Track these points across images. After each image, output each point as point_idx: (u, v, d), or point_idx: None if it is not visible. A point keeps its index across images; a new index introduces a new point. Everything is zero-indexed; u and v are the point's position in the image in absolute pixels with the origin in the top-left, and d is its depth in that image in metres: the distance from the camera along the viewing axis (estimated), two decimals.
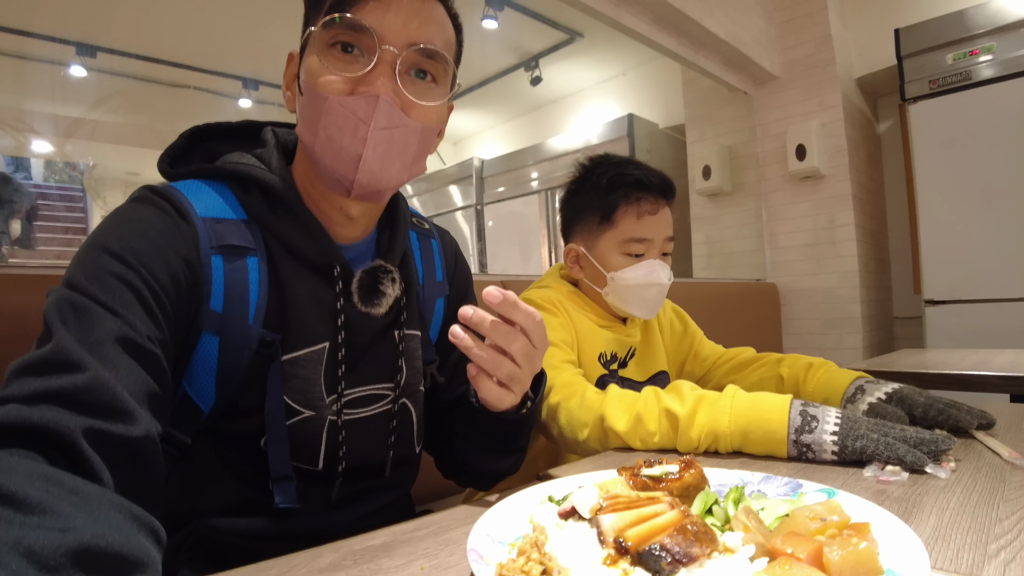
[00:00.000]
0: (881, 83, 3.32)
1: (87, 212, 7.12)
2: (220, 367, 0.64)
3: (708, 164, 3.34)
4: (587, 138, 3.97)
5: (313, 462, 0.70)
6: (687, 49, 2.80)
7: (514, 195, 4.43)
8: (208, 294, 0.62)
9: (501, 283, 1.66)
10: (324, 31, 0.62)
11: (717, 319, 2.43)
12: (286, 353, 0.66)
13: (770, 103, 3.27)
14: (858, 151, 3.17)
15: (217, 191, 0.67)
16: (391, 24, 0.62)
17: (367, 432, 0.73)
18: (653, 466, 0.55)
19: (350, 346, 0.70)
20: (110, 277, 0.53)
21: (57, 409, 0.43)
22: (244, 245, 0.65)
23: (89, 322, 0.49)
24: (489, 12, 3.33)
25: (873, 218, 3.30)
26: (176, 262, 0.59)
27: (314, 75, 0.63)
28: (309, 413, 0.68)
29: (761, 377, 1.14)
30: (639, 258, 1.06)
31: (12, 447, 0.40)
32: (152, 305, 0.55)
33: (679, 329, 1.28)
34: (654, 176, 1.07)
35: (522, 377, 0.65)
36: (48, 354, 0.46)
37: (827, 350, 3.05)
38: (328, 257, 0.68)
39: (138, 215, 0.60)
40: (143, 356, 0.51)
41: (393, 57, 0.63)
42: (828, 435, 0.70)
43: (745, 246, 3.34)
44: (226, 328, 0.63)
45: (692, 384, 0.84)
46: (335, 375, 0.69)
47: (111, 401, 0.45)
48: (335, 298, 0.68)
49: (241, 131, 0.77)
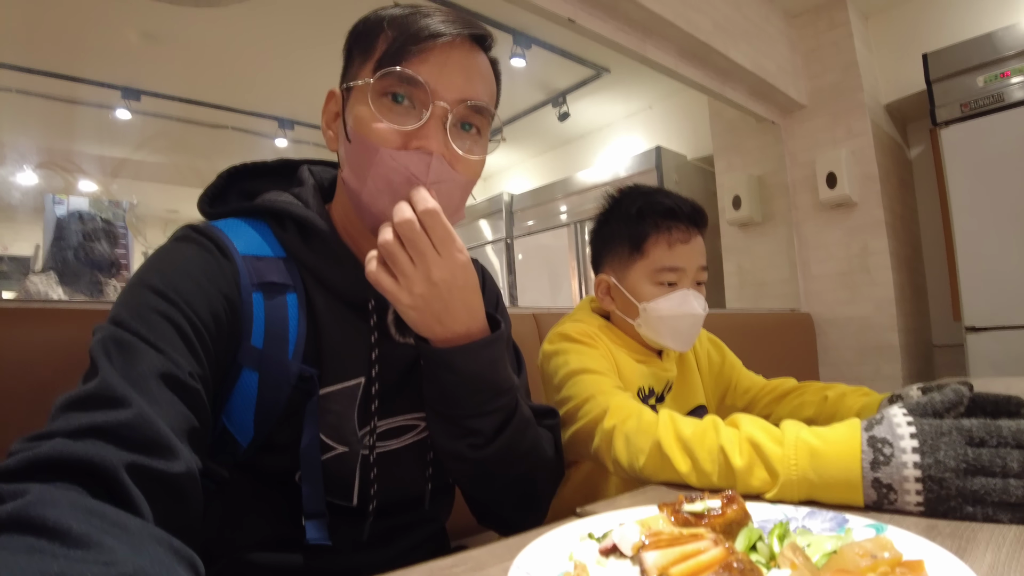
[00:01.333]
0: (910, 108, 3.29)
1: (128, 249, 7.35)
2: (259, 402, 0.65)
3: (738, 194, 3.32)
4: (615, 171, 3.99)
5: (347, 498, 0.70)
6: (713, 80, 2.82)
7: (543, 228, 4.46)
8: (249, 331, 0.64)
9: (532, 316, 1.66)
10: (379, 80, 0.64)
11: (752, 350, 2.39)
12: (322, 388, 0.67)
13: (798, 131, 3.25)
14: (889, 177, 3.13)
15: (256, 228, 0.69)
16: (444, 79, 0.64)
17: (402, 464, 0.73)
18: (695, 502, 0.53)
19: (383, 380, 0.70)
20: (153, 314, 0.55)
21: (101, 444, 0.44)
22: (283, 282, 0.67)
23: (133, 358, 0.51)
24: (517, 51, 3.41)
25: (908, 244, 3.24)
26: (217, 299, 0.60)
27: (365, 124, 0.64)
28: (343, 449, 0.68)
29: (802, 401, 1.11)
30: (672, 287, 1.04)
31: (56, 481, 0.41)
32: (194, 341, 0.56)
33: (717, 360, 1.25)
34: (685, 204, 1.06)
35: (405, 268, 0.61)
36: (93, 389, 0.47)
37: (865, 380, 2.97)
38: (363, 292, 0.69)
39: (181, 253, 0.63)
40: (185, 391, 0.53)
41: (444, 112, 0.64)
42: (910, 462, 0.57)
43: (778, 275, 3.30)
44: (266, 364, 0.64)
45: (752, 418, 0.74)
46: (368, 409, 0.70)
47: (154, 437, 0.46)
48: (370, 332, 0.69)
49: (278, 170, 0.79)
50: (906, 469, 0.57)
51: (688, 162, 3.93)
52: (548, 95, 4.33)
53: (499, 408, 0.68)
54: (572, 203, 4.28)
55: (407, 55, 0.63)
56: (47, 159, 4.22)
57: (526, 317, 1.64)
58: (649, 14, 2.30)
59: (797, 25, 3.27)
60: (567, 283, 4.19)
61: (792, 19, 3.27)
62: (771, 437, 0.68)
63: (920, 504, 0.57)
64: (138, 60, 3.62)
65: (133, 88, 3.93)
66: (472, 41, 0.68)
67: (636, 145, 4.50)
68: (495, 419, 0.68)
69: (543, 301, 4.36)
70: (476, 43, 0.68)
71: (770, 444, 0.67)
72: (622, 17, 2.32)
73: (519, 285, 4.65)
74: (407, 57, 0.63)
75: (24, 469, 0.41)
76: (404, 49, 0.63)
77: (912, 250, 3.31)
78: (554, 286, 4.32)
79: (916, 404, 0.63)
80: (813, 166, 3.13)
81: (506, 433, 0.69)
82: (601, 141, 4.97)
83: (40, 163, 4.18)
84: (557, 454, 0.80)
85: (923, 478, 0.57)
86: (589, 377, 0.95)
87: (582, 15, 2.18)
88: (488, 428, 0.68)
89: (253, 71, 3.85)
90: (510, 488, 0.74)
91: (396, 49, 0.64)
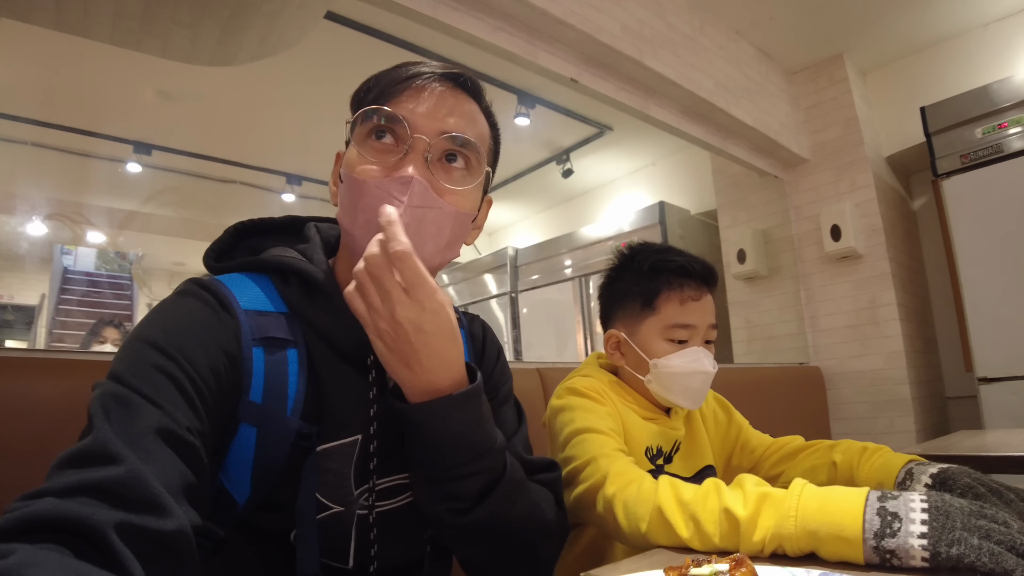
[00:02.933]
0: (912, 160, 3.33)
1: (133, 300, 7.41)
2: (257, 459, 0.63)
3: (743, 248, 3.33)
4: (619, 226, 4.03)
5: (343, 560, 0.67)
6: (715, 137, 2.87)
7: (548, 282, 4.47)
8: (248, 386, 0.63)
9: (536, 371, 1.64)
10: (361, 125, 0.67)
11: (761, 405, 2.36)
12: (320, 445, 0.65)
13: (801, 186, 3.29)
14: (894, 229, 3.14)
15: (259, 284, 0.69)
16: (422, 114, 0.66)
17: (400, 525, 0.71)
18: (702, 565, 0.52)
19: (382, 437, 0.69)
20: (153, 370, 0.54)
21: (91, 502, 0.43)
22: (284, 337, 0.66)
23: (131, 414, 0.50)
24: (521, 110, 3.50)
25: (916, 296, 3.23)
26: (217, 355, 0.60)
27: (352, 165, 0.67)
28: (339, 508, 0.66)
29: (813, 464, 1.08)
30: (682, 345, 1.03)
31: (44, 541, 0.40)
32: (193, 396, 0.55)
33: (723, 420, 1.23)
34: (696, 263, 1.06)
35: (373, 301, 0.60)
36: (87, 446, 0.47)
37: (878, 434, 2.92)
38: (363, 348, 0.67)
39: (183, 308, 0.62)
40: (183, 448, 0.51)
41: (425, 145, 0.66)
42: (916, 539, 0.58)
43: (786, 329, 3.28)
44: (265, 420, 0.63)
45: (758, 479, 0.75)
46: (366, 468, 0.68)
47: (145, 495, 0.45)
48: (368, 389, 0.68)
49: (284, 227, 0.80)
50: (912, 540, 0.58)
51: (692, 217, 3.96)
52: (552, 153, 4.41)
53: (481, 471, 0.64)
54: (577, 257, 4.30)
55: (388, 96, 0.67)
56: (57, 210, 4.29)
57: (530, 372, 1.62)
58: (651, 74, 2.36)
59: (797, 82, 3.35)
60: (572, 337, 4.17)
61: (792, 76, 3.35)
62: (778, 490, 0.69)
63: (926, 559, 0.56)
64: (151, 116, 3.73)
65: (145, 143, 4.03)
66: (453, 83, 0.70)
67: (640, 200, 4.55)
68: (477, 482, 0.64)
69: (548, 356, 4.33)
70: (458, 86, 0.70)
71: (775, 493, 0.69)
72: (624, 77, 2.38)
73: (524, 339, 4.63)
74: (388, 98, 0.67)
75: (12, 529, 0.40)
76: (385, 92, 0.67)
77: (920, 301, 3.29)
78: (559, 340, 4.30)
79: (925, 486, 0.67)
80: (818, 219, 3.15)
81: (491, 498, 0.65)
82: (605, 197, 5.04)
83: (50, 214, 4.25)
84: (559, 514, 0.76)
85: (931, 553, 0.56)
86: (593, 437, 0.93)
87: (585, 75, 2.24)
88: (469, 492, 0.64)
89: (262, 127, 3.95)
90: (506, 554, 0.70)
91: (377, 93, 0.68)
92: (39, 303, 6.69)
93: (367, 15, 2.69)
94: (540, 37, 2.08)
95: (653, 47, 2.35)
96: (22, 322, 6.48)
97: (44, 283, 6.72)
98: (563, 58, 2.16)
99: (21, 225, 4.49)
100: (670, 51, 2.45)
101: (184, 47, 2.70)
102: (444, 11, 1.83)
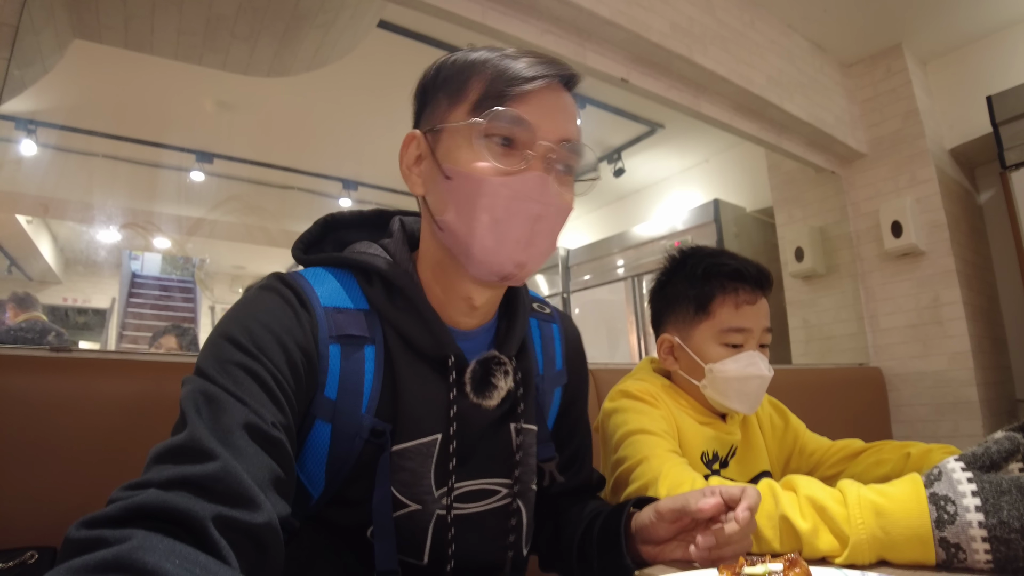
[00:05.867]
0: (977, 152, 3.17)
1: (196, 302, 7.72)
2: (331, 455, 0.66)
3: (800, 246, 3.24)
4: (672, 224, 3.96)
5: (419, 556, 0.69)
6: (769, 133, 2.81)
7: (600, 283, 4.44)
8: (324, 383, 0.65)
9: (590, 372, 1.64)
10: (482, 122, 0.65)
11: (820, 407, 2.30)
12: (396, 444, 0.67)
13: (859, 181, 3.18)
14: (959, 224, 3.01)
15: (341, 280, 0.70)
16: (547, 120, 0.66)
17: (479, 528, 0.72)
18: (755, 564, 0.52)
19: (462, 438, 0.70)
20: (236, 368, 0.57)
21: (190, 496, 0.45)
22: (362, 335, 0.67)
23: (219, 411, 0.53)
24: None
25: (982, 294, 3.08)
26: (294, 351, 0.62)
27: (465, 161, 0.65)
28: (416, 507, 0.68)
29: (879, 459, 1.06)
30: (737, 349, 1.03)
31: (152, 529, 0.43)
32: (276, 391, 0.58)
33: (780, 425, 1.21)
34: (751, 267, 1.05)
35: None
36: (183, 441, 0.50)
37: (943, 438, 2.79)
38: (443, 348, 0.69)
39: (262, 304, 0.64)
40: (268, 443, 0.54)
41: (547, 151, 0.66)
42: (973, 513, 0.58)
43: (845, 329, 3.18)
44: (339, 416, 0.65)
45: (810, 480, 0.73)
46: (446, 468, 0.69)
47: (238, 489, 0.48)
48: (448, 390, 0.69)
49: (371, 220, 0.81)
50: (972, 529, 0.58)
51: (747, 214, 3.87)
52: (603, 152, 4.39)
53: None
54: (629, 257, 4.25)
55: (508, 97, 0.65)
56: (130, 219, 4.53)
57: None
58: (701, 71, 2.33)
59: (853, 75, 3.25)
60: (625, 338, 4.13)
61: (847, 69, 3.24)
62: (832, 497, 0.68)
63: (990, 562, 0.57)
64: (212, 126, 3.89)
65: (207, 152, 4.20)
66: (566, 83, 0.70)
67: (693, 198, 4.46)
68: None
69: (600, 356, 4.31)
70: (566, 84, 0.70)
71: (833, 504, 0.67)
72: (675, 75, 2.36)
73: None
74: (509, 99, 0.65)
75: (123, 517, 0.43)
76: (505, 91, 0.65)
77: (988, 300, 3.14)
78: (612, 341, 4.26)
79: (972, 456, 0.63)
80: (877, 215, 3.04)
81: None
82: (657, 195, 4.96)
83: (124, 223, 4.49)
84: None
85: (989, 538, 0.57)
86: (645, 438, 0.94)
87: (635, 74, 2.23)
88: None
89: (318, 135, 4.06)
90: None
91: (497, 91, 0.65)
92: (110, 306, 7.05)
93: (418, 23, 2.73)
94: (589, 38, 2.08)
95: (703, 44, 2.33)
96: (97, 324, 6.84)
97: (114, 287, 7.08)
98: (612, 58, 2.16)
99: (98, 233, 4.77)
100: (720, 47, 2.41)
101: (243, 59, 2.82)
102: (493, 16, 1.86)
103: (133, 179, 4.41)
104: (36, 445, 0.90)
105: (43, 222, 5.53)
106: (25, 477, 0.89)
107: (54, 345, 1.05)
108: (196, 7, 2.43)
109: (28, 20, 1.25)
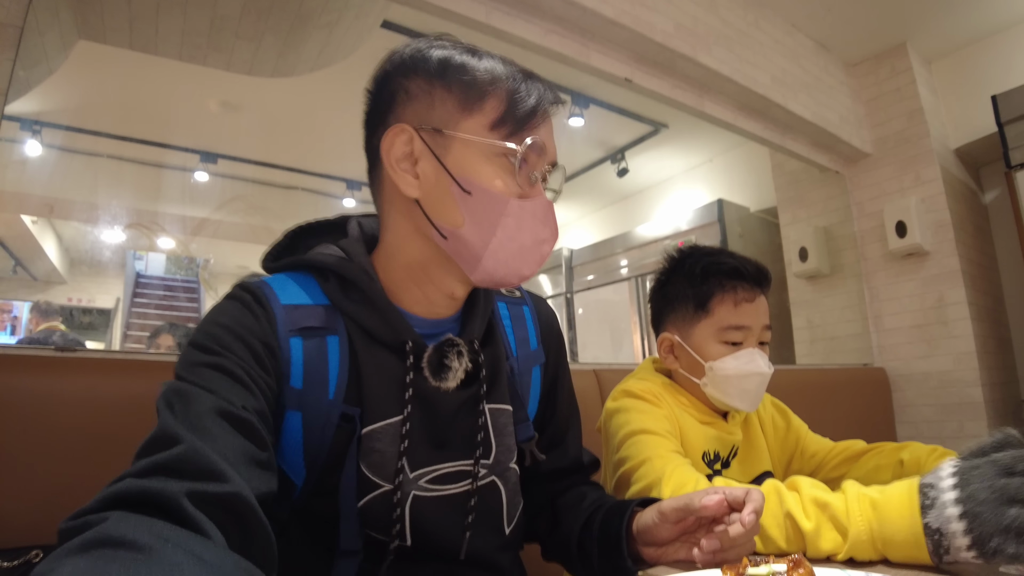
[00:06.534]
0: (982, 152, 3.16)
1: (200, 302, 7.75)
2: (306, 442, 0.68)
3: (804, 246, 3.23)
4: (676, 224, 3.96)
5: (395, 537, 0.69)
6: (773, 133, 2.80)
7: (603, 283, 4.44)
8: (288, 373, 0.67)
9: (593, 372, 1.65)
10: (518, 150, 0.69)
11: (824, 407, 2.30)
12: (364, 426, 0.69)
13: (864, 181, 3.18)
14: (964, 224, 3.00)
15: (300, 282, 0.73)
16: (551, 144, 0.73)
17: (445, 510, 0.73)
18: (759, 565, 0.52)
19: (425, 420, 0.72)
20: (203, 367, 0.60)
21: (163, 479, 0.47)
22: (321, 326, 0.70)
23: (188, 402, 0.55)
24: (575, 111, 3.48)
25: (988, 294, 3.07)
26: (256, 344, 0.64)
27: (488, 178, 0.69)
28: (388, 487, 0.69)
29: (878, 464, 1.06)
30: (737, 347, 1.03)
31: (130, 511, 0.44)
32: (244, 378, 0.61)
33: (782, 425, 1.21)
34: (749, 265, 1.05)
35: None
36: (154, 434, 0.52)
37: (947, 439, 2.79)
38: (400, 335, 0.71)
39: (224, 311, 0.67)
40: (237, 423, 0.56)
41: (546, 173, 0.74)
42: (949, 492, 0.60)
43: (849, 329, 3.17)
44: (307, 404, 0.68)
45: (813, 481, 0.74)
46: (417, 450, 0.71)
47: (206, 466, 0.49)
48: (405, 372, 0.71)
49: (335, 226, 0.84)
50: (948, 509, 0.59)
51: (751, 214, 3.87)
52: (607, 152, 4.38)
53: None
54: (632, 257, 4.25)
55: (528, 124, 0.70)
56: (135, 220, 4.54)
57: (587, 373, 1.63)
58: (706, 71, 2.33)
59: (857, 74, 3.24)
60: (628, 338, 4.13)
61: (851, 68, 3.24)
62: (833, 495, 0.70)
63: (970, 547, 0.57)
64: (216, 126, 3.90)
65: (211, 152, 4.21)
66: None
67: (697, 198, 4.45)
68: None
69: (604, 356, 4.30)
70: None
71: (835, 501, 0.69)
72: (678, 75, 2.36)
73: (579, 340, 4.60)
74: (528, 127, 0.70)
75: (103, 506, 0.45)
76: (527, 120, 0.70)
77: (993, 300, 3.13)
78: (615, 341, 4.26)
79: (967, 450, 0.65)
80: (881, 215, 3.04)
81: None
82: (661, 195, 4.95)
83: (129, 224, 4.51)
84: None
85: (964, 513, 0.58)
86: (647, 438, 0.94)
87: (639, 74, 2.23)
88: None
89: (323, 135, 4.07)
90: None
91: (520, 116, 0.69)
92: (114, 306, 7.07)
93: (422, 23, 2.74)
94: (592, 38, 2.09)
95: (707, 44, 2.33)
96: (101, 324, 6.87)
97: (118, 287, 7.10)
98: (616, 58, 2.16)
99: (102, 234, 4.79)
100: (725, 47, 2.41)
101: (247, 60, 2.83)
102: (497, 16, 1.86)
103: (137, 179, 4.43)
104: (41, 444, 0.91)
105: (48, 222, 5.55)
106: (31, 476, 0.90)
107: (59, 345, 1.06)
108: (200, 8, 2.44)
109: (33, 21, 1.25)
